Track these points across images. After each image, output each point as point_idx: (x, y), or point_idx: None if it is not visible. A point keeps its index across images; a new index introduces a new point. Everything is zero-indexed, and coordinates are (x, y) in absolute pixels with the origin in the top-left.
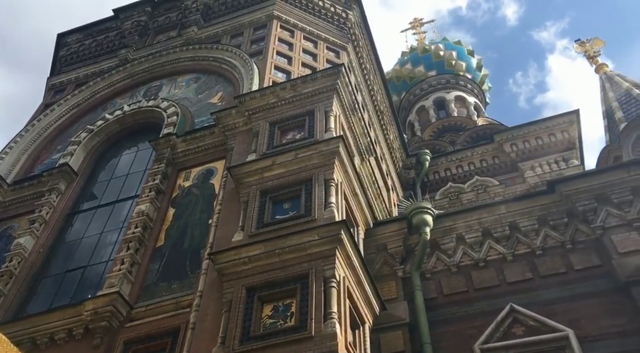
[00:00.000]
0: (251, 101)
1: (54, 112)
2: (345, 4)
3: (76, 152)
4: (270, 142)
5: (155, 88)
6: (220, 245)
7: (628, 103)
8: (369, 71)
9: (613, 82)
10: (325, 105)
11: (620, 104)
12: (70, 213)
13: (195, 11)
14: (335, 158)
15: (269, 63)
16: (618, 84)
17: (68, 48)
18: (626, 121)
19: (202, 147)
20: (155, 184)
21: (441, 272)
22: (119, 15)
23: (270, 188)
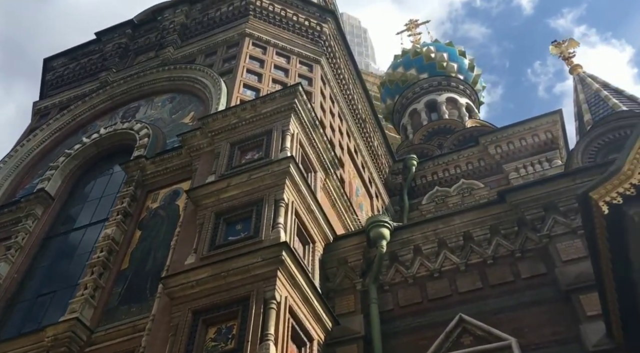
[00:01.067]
0: (213, 122)
1: (36, 137)
2: (320, 17)
3: (53, 176)
4: (230, 163)
5: (133, 109)
6: (175, 268)
7: (597, 105)
8: (347, 81)
9: (585, 83)
10: (282, 124)
11: (590, 105)
12: (45, 237)
13: (173, 31)
14: (286, 178)
15: (238, 81)
16: (589, 85)
17: (54, 72)
18: (593, 123)
19: (170, 168)
20: (122, 208)
21: (399, 283)
22: (101, 38)
23: (225, 210)
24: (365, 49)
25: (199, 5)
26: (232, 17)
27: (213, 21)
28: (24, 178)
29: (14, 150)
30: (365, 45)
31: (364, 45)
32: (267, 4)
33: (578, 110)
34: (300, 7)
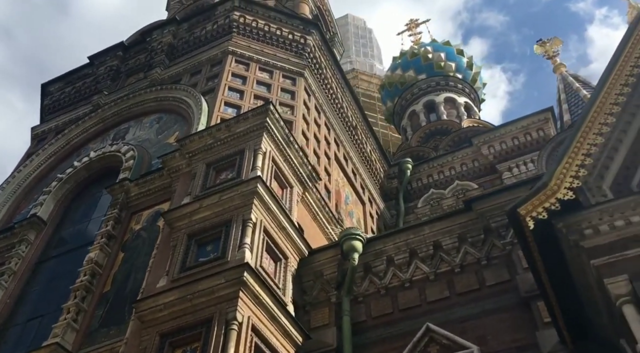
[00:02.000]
0: (190, 144)
1: (33, 162)
2: (303, 30)
3: (46, 201)
4: (204, 184)
5: (124, 130)
6: (149, 291)
7: (576, 105)
8: (335, 90)
9: (566, 83)
10: (255, 143)
11: (570, 106)
12: (37, 262)
13: (160, 52)
14: (254, 198)
15: (219, 100)
16: (570, 85)
17: (51, 97)
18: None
19: (152, 189)
20: (106, 231)
21: (372, 294)
22: (94, 62)
23: (197, 232)
24: (370, 49)
25: (185, 25)
26: (216, 35)
27: (199, 40)
28: (21, 204)
29: (12, 176)
30: (370, 46)
31: (369, 46)
32: (250, 21)
33: (559, 111)
34: (283, 21)
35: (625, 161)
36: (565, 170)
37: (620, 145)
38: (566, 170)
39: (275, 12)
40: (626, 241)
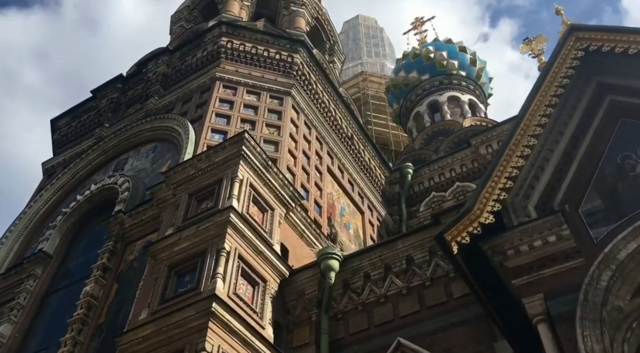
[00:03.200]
0: (175, 175)
1: (42, 197)
2: (290, 49)
3: (52, 236)
4: (186, 215)
5: (123, 161)
6: (132, 323)
7: None
8: (327, 103)
9: None
10: (232, 171)
11: None
12: (44, 295)
13: (155, 82)
14: (227, 227)
15: (206, 127)
16: None
17: (59, 132)
18: None
19: (144, 220)
20: (101, 263)
21: (350, 311)
22: (96, 95)
23: (177, 263)
24: (382, 49)
25: (177, 54)
26: (206, 62)
27: (190, 68)
28: (32, 239)
29: (23, 212)
30: (382, 45)
31: (381, 45)
32: (237, 45)
33: None
34: (270, 42)
35: (550, 180)
36: (488, 194)
37: (547, 165)
38: (489, 194)
39: (262, 34)
40: (544, 260)
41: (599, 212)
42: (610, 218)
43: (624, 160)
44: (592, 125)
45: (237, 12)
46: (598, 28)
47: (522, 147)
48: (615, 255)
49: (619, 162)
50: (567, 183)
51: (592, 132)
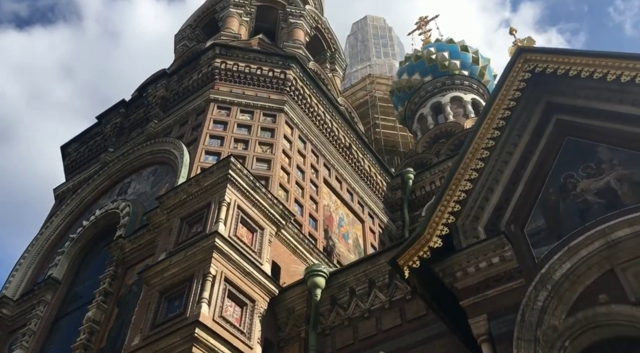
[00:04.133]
0: (168, 200)
1: (53, 223)
2: (283, 65)
3: (60, 261)
4: (177, 239)
5: (127, 185)
6: (127, 348)
7: None
8: (323, 115)
9: None
10: (220, 195)
11: None
12: (54, 320)
13: (155, 105)
14: (213, 252)
15: (200, 150)
16: None
17: (69, 157)
18: None
19: (143, 244)
20: (103, 289)
21: (337, 326)
22: (101, 121)
23: (167, 288)
24: (391, 48)
25: (175, 77)
26: (202, 84)
27: (187, 90)
28: (44, 265)
29: (36, 238)
30: (391, 45)
31: (390, 45)
32: (231, 65)
33: None
34: (263, 60)
35: (499, 201)
36: (437, 218)
37: (497, 186)
38: (438, 218)
39: (254, 53)
40: (489, 281)
41: (542, 232)
42: (551, 238)
43: (567, 179)
44: (540, 144)
45: (236, 29)
46: (544, 50)
47: (470, 171)
48: (551, 276)
49: (562, 181)
50: (514, 203)
51: (540, 152)
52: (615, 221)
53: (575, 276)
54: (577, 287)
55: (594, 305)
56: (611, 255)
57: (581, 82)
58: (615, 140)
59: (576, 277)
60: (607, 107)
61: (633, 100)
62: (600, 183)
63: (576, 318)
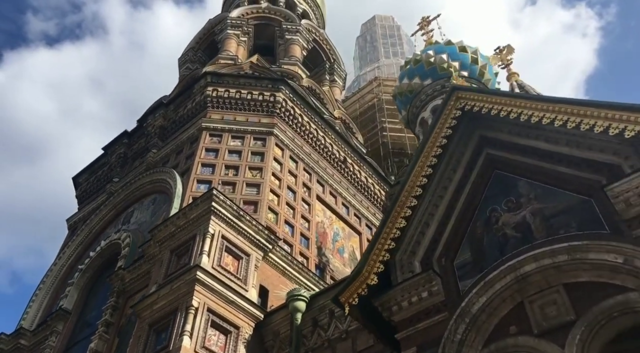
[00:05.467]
0: (159, 233)
1: (65, 254)
2: (272, 88)
3: (70, 292)
4: (167, 271)
5: (130, 214)
6: None
7: None
8: (315, 133)
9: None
10: (204, 227)
11: None
12: (65, 350)
13: (154, 135)
14: (195, 284)
15: (192, 179)
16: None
17: (80, 188)
18: None
19: (140, 274)
20: (104, 320)
21: (318, 348)
22: (107, 151)
23: (156, 320)
24: (400, 47)
25: (172, 106)
26: (195, 112)
27: (183, 119)
28: (57, 295)
29: (50, 269)
30: (400, 44)
31: (399, 44)
32: (222, 92)
33: None
34: (253, 85)
35: (434, 235)
36: (375, 256)
37: (432, 220)
38: (376, 256)
39: (244, 78)
40: (419, 315)
41: (468, 265)
42: (474, 271)
43: (492, 212)
44: (471, 178)
45: (234, 50)
46: (474, 89)
47: (405, 208)
48: (469, 309)
49: (487, 215)
50: (446, 237)
51: (470, 185)
52: (524, 256)
53: (491, 308)
54: (493, 319)
55: (506, 336)
56: (521, 289)
57: (506, 118)
58: (532, 174)
59: (492, 309)
60: (526, 143)
61: (546, 137)
62: (518, 217)
63: (490, 349)
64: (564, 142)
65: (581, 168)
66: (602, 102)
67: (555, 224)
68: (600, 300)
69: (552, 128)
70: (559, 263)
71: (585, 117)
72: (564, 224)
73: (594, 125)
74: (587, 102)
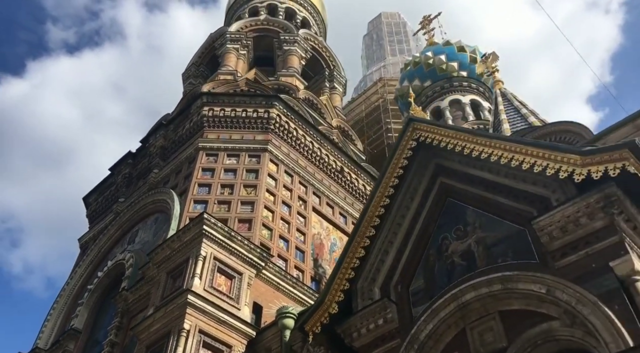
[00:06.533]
0: (156, 256)
1: (76, 274)
2: (266, 105)
3: (80, 312)
4: (163, 294)
5: (134, 233)
6: None
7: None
8: (311, 145)
9: (506, 98)
10: (196, 250)
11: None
12: None
13: (156, 155)
14: (186, 307)
15: (189, 200)
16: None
17: (90, 207)
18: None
19: (142, 295)
20: (109, 340)
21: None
22: (113, 172)
23: (152, 343)
24: (406, 44)
25: (171, 126)
26: (193, 132)
27: (182, 139)
28: (70, 314)
29: (63, 289)
30: (406, 41)
31: (405, 41)
32: (218, 111)
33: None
34: (247, 102)
35: (393, 262)
36: (337, 285)
37: (391, 248)
38: (337, 285)
39: (239, 97)
40: (377, 341)
41: (420, 292)
42: (425, 298)
43: (443, 240)
44: (427, 206)
45: (233, 64)
46: (428, 122)
47: (365, 239)
48: (418, 336)
49: (439, 242)
50: (403, 264)
51: (426, 213)
52: (466, 285)
53: (437, 335)
54: (439, 345)
55: None
56: (463, 316)
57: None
58: (478, 203)
59: (438, 335)
60: (474, 173)
61: (489, 168)
62: (464, 246)
63: None
64: (504, 173)
65: (518, 199)
66: (531, 141)
67: (495, 253)
68: (528, 327)
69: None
70: (494, 292)
71: (516, 154)
72: (502, 253)
73: (522, 161)
74: (518, 140)
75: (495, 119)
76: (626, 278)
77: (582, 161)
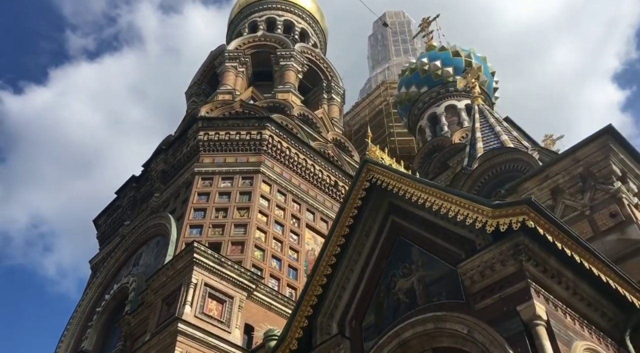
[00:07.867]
0: (153, 283)
1: (87, 295)
2: (259, 126)
3: (90, 334)
4: (158, 320)
5: (139, 256)
6: None
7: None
8: (304, 162)
9: (482, 114)
10: (188, 278)
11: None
12: None
13: (157, 179)
14: (177, 335)
15: (185, 225)
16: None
17: (100, 229)
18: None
19: (143, 319)
20: None
21: None
22: (119, 195)
23: None
24: (410, 44)
25: (171, 151)
26: (190, 156)
27: (180, 163)
28: (82, 335)
29: (75, 310)
30: (410, 41)
31: (409, 41)
32: (213, 135)
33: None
34: (240, 125)
35: (350, 298)
36: (297, 322)
37: (348, 284)
38: (297, 323)
39: (232, 120)
40: None
41: (372, 327)
42: (374, 334)
43: (392, 277)
44: (379, 243)
45: (232, 83)
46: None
47: (322, 277)
48: None
49: (389, 279)
50: (357, 299)
51: (378, 250)
52: (405, 323)
53: None
54: None
55: None
56: (404, 352)
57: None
58: (421, 243)
59: None
60: (418, 213)
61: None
62: (408, 283)
63: None
64: (441, 216)
65: (451, 240)
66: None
67: (432, 292)
68: None
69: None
70: (428, 331)
71: (446, 202)
72: (437, 292)
73: (449, 209)
74: (448, 189)
75: (472, 136)
76: (529, 322)
77: (493, 213)
